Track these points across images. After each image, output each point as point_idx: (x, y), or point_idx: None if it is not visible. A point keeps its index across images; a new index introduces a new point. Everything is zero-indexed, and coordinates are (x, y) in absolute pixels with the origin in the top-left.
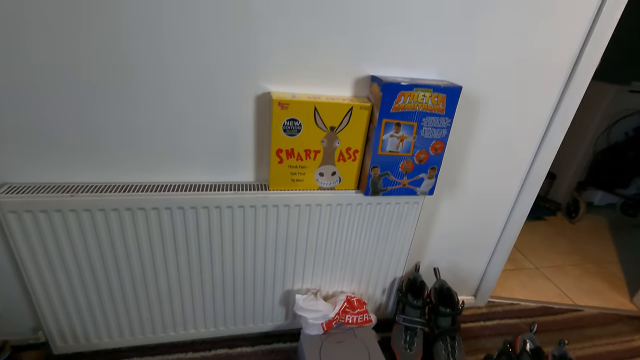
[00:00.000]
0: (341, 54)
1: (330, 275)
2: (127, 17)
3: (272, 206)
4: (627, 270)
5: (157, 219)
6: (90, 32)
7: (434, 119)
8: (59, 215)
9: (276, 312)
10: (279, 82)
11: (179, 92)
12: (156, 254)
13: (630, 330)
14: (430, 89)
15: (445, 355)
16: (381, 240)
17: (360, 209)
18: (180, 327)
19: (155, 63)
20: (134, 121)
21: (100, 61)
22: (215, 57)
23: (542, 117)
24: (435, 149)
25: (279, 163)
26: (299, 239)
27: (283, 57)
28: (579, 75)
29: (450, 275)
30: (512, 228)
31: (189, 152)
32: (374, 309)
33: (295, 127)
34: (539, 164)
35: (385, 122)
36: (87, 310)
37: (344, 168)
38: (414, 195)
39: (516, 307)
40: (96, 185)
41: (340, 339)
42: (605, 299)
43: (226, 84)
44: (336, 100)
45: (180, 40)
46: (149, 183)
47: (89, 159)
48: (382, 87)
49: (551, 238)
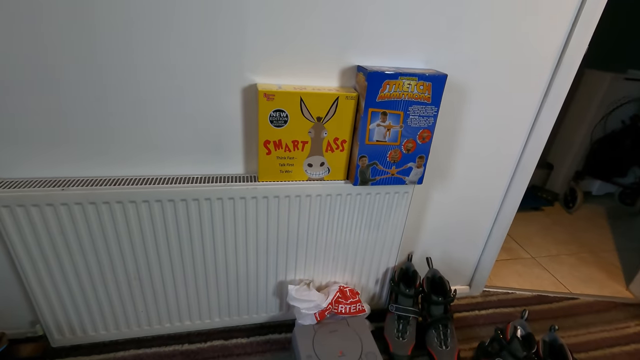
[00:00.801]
0: (327, 44)
1: (322, 266)
2: (104, 8)
3: (262, 197)
4: (624, 258)
5: (148, 211)
6: (70, 26)
7: (421, 108)
8: (51, 209)
9: (270, 303)
10: (265, 73)
11: (164, 87)
12: (149, 246)
13: (625, 317)
14: (416, 77)
15: (438, 343)
16: (372, 230)
17: (350, 199)
18: (176, 319)
19: (136, 58)
20: (122, 116)
21: (84, 57)
22: (199, 50)
23: (531, 104)
24: (423, 137)
25: (267, 154)
26: (290, 230)
27: (268, 48)
28: (567, 61)
29: (444, 265)
30: (505, 216)
31: (178, 146)
32: (368, 299)
33: (281, 118)
34: (530, 152)
35: (371, 111)
36: (83, 303)
37: (333, 158)
38: (403, 184)
39: (511, 296)
40: (87, 179)
41: (333, 328)
42: (601, 286)
43: (212, 77)
44: (322, 90)
45: (159, 33)
46: (139, 176)
47: (80, 154)
48: (367, 76)
49: (548, 228)
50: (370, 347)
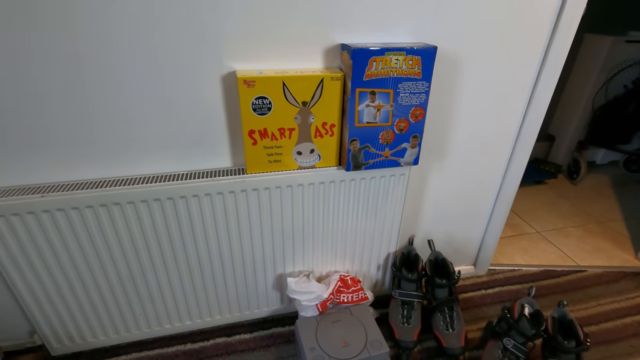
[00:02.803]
0: (308, 22)
1: (321, 256)
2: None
3: (252, 190)
4: (632, 227)
5: (135, 212)
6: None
7: (411, 84)
8: (32, 217)
9: (271, 297)
10: (245, 59)
11: (137, 81)
12: (139, 248)
13: (635, 287)
14: (404, 52)
15: (444, 326)
16: (370, 216)
17: (344, 185)
18: (175, 320)
19: (106, 50)
20: (96, 114)
21: (58, 53)
22: (169, 39)
23: (528, 73)
24: (416, 115)
25: (253, 145)
26: (284, 221)
27: (245, 30)
28: (564, 24)
29: (447, 246)
30: (507, 192)
31: (159, 143)
32: (371, 286)
33: (265, 105)
34: (530, 123)
35: (359, 91)
36: (78, 310)
37: (323, 144)
38: (399, 166)
39: (518, 273)
40: (67, 183)
41: (336, 318)
42: (609, 257)
43: (187, 67)
44: (306, 73)
45: (130, 22)
46: (122, 177)
47: (57, 158)
48: (352, 54)
49: (553, 201)
50: (375, 334)
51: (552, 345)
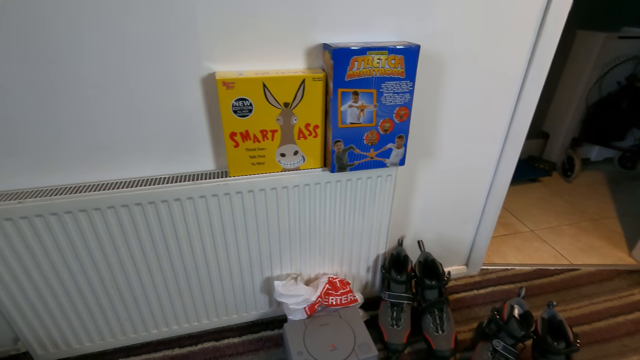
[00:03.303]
0: (288, 21)
1: (309, 259)
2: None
3: (236, 193)
4: (626, 224)
5: (116, 217)
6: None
7: (394, 84)
8: (10, 223)
9: (259, 301)
10: (224, 60)
11: (114, 85)
12: (121, 252)
13: (629, 285)
14: (386, 51)
15: (434, 327)
16: (357, 217)
17: (329, 187)
18: (162, 325)
19: (79, 55)
20: (73, 119)
21: (25, 56)
22: (147, 41)
23: (516, 69)
24: (400, 115)
25: (235, 147)
26: (270, 224)
27: (224, 30)
28: (551, 19)
29: (438, 246)
30: (498, 190)
31: (140, 146)
32: (361, 288)
33: (245, 107)
34: (519, 120)
35: (341, 92)
36: (62, 316)
37: (306, 146)
38: (385, 167)
39: (510, 273)
40: (45, 189)
41: (324, 321)
42: (603, 255)
43: (165, 68)
44: (287, 73)
45: (101, 24)
46: (102, 182)
47: (33, 162)
48: (333, 54)
49: (547, 199)
50: (363, 337)
51: (542, 347)
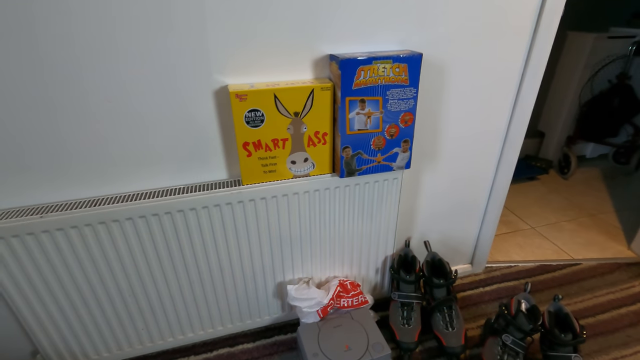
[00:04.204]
0: (295, 35)
1: (320, 262)
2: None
3: (249, 201)
4: (623, 218)
5: (133, 228)
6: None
7: (399, 91)
8: (32, 237)
9: (272, 306)
10: (235, 73)
11: (132, 98)
12: (139, 263)
13: (629, 277)
14: (390, 60)
15: (444, 325)
16: (366, 220)
17: (338, 192)
18: (178, 333)
19: (88, 72)
20: (91, 133)
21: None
22: (159, 59)
23: (513, 73)
24: (405, 121)
25: (247, 157)
26: (281, 230)
27: (234, 46)
28: (544, 24)
29: (443, 246)
30: (499, 190)
31: (155, 159)
32: (370, 290)
33: (257, 117)
34: (517, 122)
35: (349, 100)
36: (81, 328)
37: (316, 153)
38: (391, 171)
39: (514, 269)
40: (65, 203)
41: (337, 323)
42: (603, 249)
43: (179, 82)
44: (296, 84)
45: (116, 45)
46: (119, 194)
47: (53, 178)
48: (340, 64)
49: (545, 197)
50: (376, 337)
51: (550, 339)
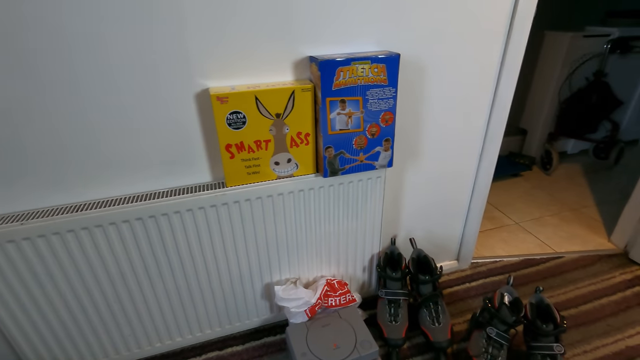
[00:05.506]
0: (275, 37)
1: (307, 262)
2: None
3: (233, 203)
4: (604, 211)
5: (117, 233)
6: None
7: (378, 91)
8: (13, 245)
9: (260, 307)
10: (217, 76)
11: (112, 104)
12: (124, 268)
13: (610, 268)
14: (368, 60)
15: (430, 320)
16: (351, 219)
17: (323, 191)
18: (166, 338)
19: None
20: (70, 138)
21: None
22: (139, 62)
23: (490, 74)
24: (386, 120)
25: (230, 158)
26: (267, 231)
27: (214, 49)
28: (518, 23)
29: (429, 243)
30: (481, 186)
31: (138, 163)
32: (358, 288)
33: (239, 119)
34: (496, 119)
35: (329, 100)
36: (65, 336)
37: (299, 153)
38: (374, 169)
39: (499, 264)
40: (47, 209)
41: (325, 322)
42: (585, 242)
43: (160, 86)
44: (277, 86)
45: (96, 47)
46: (102, 199)
47: (34, 184)
48: (319, 65)
49: (529, 192)
50: (364, 335)
51: (532, 330)
